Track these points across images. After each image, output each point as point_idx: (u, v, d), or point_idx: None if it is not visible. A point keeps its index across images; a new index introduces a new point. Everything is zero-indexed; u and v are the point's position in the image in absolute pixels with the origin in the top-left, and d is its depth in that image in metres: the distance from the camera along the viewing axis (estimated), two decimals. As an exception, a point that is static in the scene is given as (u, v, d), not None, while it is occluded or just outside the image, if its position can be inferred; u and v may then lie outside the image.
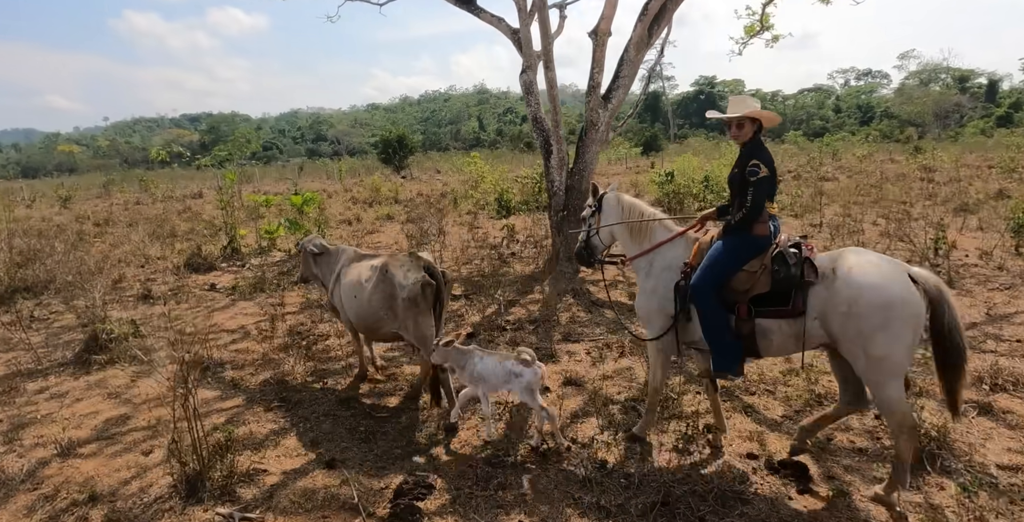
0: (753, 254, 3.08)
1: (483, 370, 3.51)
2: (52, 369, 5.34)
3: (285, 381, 4.71)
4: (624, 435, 3.71)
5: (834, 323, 2.87)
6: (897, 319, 2.73)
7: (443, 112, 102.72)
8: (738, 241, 3.12)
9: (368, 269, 4.31)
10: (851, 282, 2.82)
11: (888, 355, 2.77)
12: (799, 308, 2.93)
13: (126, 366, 5.26)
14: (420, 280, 4.00)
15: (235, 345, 5.69)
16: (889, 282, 2.78)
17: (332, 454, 3.58)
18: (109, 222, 15.48)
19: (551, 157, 7.91)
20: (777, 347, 3.10)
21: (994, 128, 45.22)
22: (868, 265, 2.85)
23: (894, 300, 2.73)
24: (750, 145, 3.18)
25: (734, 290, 3.07)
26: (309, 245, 4.87)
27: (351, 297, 4.33)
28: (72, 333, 6.44)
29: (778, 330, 3.02)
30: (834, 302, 2.85)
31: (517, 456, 3.46)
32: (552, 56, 7.46)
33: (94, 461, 3.64)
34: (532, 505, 3.03)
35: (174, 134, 69.14)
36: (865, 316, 2.76)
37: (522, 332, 5.66)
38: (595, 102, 7.68)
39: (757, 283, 3.01)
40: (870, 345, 2.77)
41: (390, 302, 4.08)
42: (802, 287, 2.93)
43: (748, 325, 3.05)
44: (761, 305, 3.02)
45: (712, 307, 3.10)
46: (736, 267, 3.08)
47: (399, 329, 4.14)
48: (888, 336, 2.74)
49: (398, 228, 12.78)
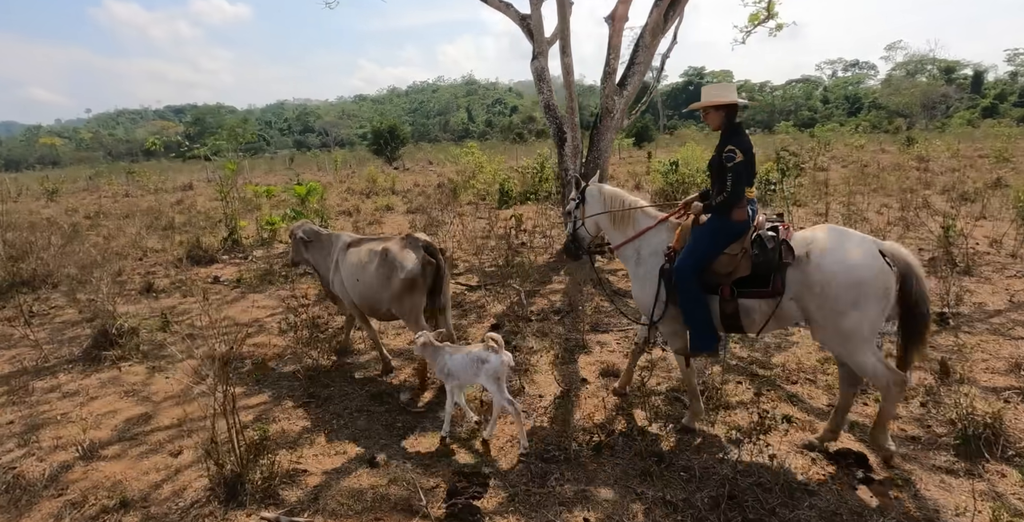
0: (733, 238, 3.19)
1: (453, 366, 3.46)
2: (60, 366, 5.11)
3: (311, 376, 4.52)
4: (675, 427, 3.64)
5: (809, 303, 3.01)
6: (868, 296, 2.88)
7: (431, 103, 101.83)
8: (718, 226, 3.22)
9: (368, 252, 4.37)
10: (824, 265, 2.95)
11: (857, 330, 2.93)
12: (778, 289, 3.07)
13: (140, 362, 5.05)
14: (421, 260, 4.11)
15: (253, 339, 5.49)
16: (860, 263, 2.91)
17: (372, 452, 3.42)
18: (100, 215, 15.06)
19: (565, 145, 7.75)
20: (760, 324, 3.23)
21: (980, 119, 45.74)
22: (840, 247, 2.97)
23: (865, 279, 2.88)
24: (727, 131, 3.26)
25: (717, 273, 3.19)
26: (299, 231, 4.90)
27: (354, 280, 4.39)
28: (76, 328, 6.19)
29: (759, 309, 3.18)
30: (808, 284, 2.99)
31: (570, 450, 3.33)
32: (569, 41, 7.28)
33: (120, 463, 3.44)
34: (594, 501, 2.91)
35: (158, 126, 67.80)
36: (838, 297, 2.91)
37: (548, 323, 5.52)
38: (611, 89, 7.52)
39: (739, 266, 3.12)
40: (842, 322, 2.93)
41: (387, 283, 4.16)
42: (780, 269, 3.06)
43: (731, 305, 3.20)
44: (743, 286, 3.15)
45: (692, 290, 3.22)
46: (717, 251, 3.19)
47: (391, 306, 4.22)
48: (859, 313, 2.89)
49: (401, 218, 12.55)
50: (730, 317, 3.22)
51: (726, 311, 3.22)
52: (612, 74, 7.47)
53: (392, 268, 4.13)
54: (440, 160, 34.98)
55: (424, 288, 4.21)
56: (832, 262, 2.94)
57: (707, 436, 3.53)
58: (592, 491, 2.99)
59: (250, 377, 4.61)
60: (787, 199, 9.74)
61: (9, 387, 4.72)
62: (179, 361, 5.00)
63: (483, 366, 3.34)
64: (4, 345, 5.83)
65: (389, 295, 4.17)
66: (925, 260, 7.52)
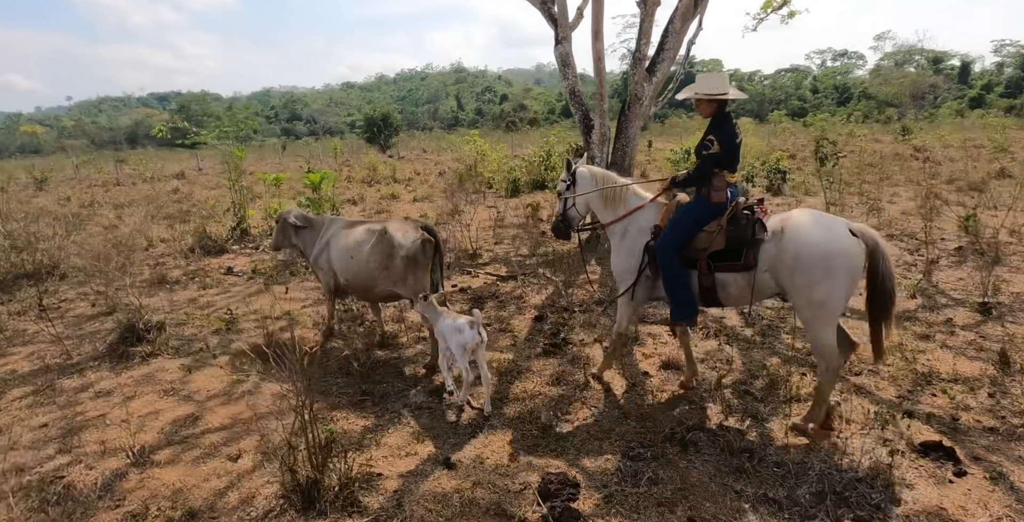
0: (711, 217, 3.42)
1: (442, 328, 3.75)
2: (85, 363, 4.87)
3: (359, 372, 4.33)
4: (590, 373, 4.08)
5: (782, 275, 3.20)
6: (838, 269, 3.05)
7: (420, 91, 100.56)
8: (698, 206, 3.46)
9: (364, 233, 4.52)
10: (796, 239, 3.15)
11: (828, 300, 3.10)
12: (751, 262, 3.28)
13: (172, 357, 4.82)
14: (420, 238, 4.31)
15: (287, 334, 5.27)
16: (830, 238, 3.10)
17: (444, 452, 3.27)
18: (95, 204, 14.59)
19: (592, 132, 7.56)
20: (735, 297, 3.46)
21: (968, 109, 46.16)
22: (813, 223, 3.18)
23: (834, 253, 3.06)
24: (714, 120, 3.45)
25: (695, 248, 3.41)
26: (290, 217, 5.01)
27: (347, 259, 4.56)
28: (94, 322, 5.93)
29: (734, 282, 3.38)
30: (782, 257, 3.18)
31: (656, 448, 3.20)
32: (602, 26, 7.06)
33: (176, 470, 3.23)
34: (694, 500, 2.78)
35: (142, 113, 66.07)
36: (809, 268, 3.09)
37: (592, 314, 5.38)
38: (640, 75, 7.34)
39: (714, 241, 3.35)
40: (813, 292, 3.10)
41: (387, 262, 4.32)
42: (753, 244, 3.28)
43: (709, 278, 3.41)
44: (718, 260, 3.37)
45: (673, 264, 3.45)
46: (697, 229, 3.43)
47: (395, 286, 4.40)
48: (830, 284, 3.06)
49: (409, 207, 12.30)
50: (708, 290, 3.45)
51: (704, 284, 3.44)
52: (642, 60, 7.28)
53: (391, 247, 4.30)
54: (434, 148, 34.60)
55: (426, 266, 4.39)
56: (805, 235, 3.13)
57: (780, 427, 3.42)
58: (689, 490, 2.87)
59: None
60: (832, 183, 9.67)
61: (34, 386, 4.47)
62: (215, 357, 4.78)
63: (459, 335, 3.63)
64: (19, 341, 5.56)
65: (390, 274, 4.34)
66: (952, 249, 7.49)
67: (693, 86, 3.46)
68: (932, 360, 4.38)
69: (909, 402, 3.78)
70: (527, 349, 4.70)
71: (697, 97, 3.42)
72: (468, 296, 6.11)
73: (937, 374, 4.15)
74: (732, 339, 4.79)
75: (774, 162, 12.87)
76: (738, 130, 3.46)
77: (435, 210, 11.07)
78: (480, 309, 5.67)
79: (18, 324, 6.02)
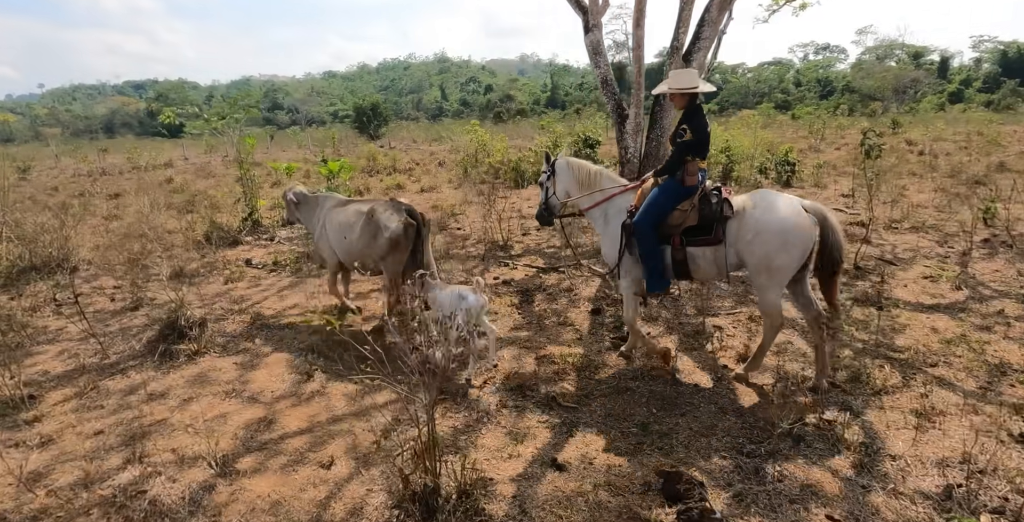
0: (684, 198, 3.78)
1: (440, 298, 4.09)
2: (124, 362, 4.61)
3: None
4: (617, 354, 4.33)
5: (744, 248, 3.59)
6: (792, 241, 3.46)
7: (403, 81, 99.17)
8: (672, 188, 3.80)
9: (355, 213, 4.81)
10: (756, 216, 3.55)
11: (783, 268, 3.52)
12: (719, 237, 3.65)
13: (220, 355, 4.59)
14: (403, 221, 4.56)
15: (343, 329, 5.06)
16: (786, 215, 3.50)
17: (546, 453, 3.13)
18: (86, 194, 14.03)
19: (626, 122, 7.42)
20: (704, 271, 3.81)
21: (948, 103, 47.10)
22: (771, 203, 3.57)
23: (789, 228, 3.47)
24: (687, 112, 3.81)
25: (670, 225, 3.76)
26: (290, 194, 5.39)
27: (341, 238, 4.84)
28: (121, 318, 5.65)
29: (703, 256, 3.75)
30: (744, 232, 3.57)
31: (770, 443, 3.10)
32: (644, 13, 6.89)
33: (266, 479, 3.02)
34: (824, 496, 2.70)
35: (118, 102, 63.87)
36: (768, 242, 3.49)
37: (649, 307, 5.27)
38: (676, 64, 7.19)
39: (687, 218, 3.70)
40: (772, 262, 3.50)
41: (372, 241, 4.61)
42: (721, 221, 3.64)
43: (681, 253, 3.77)
44: (690, 236, 3.73)
45: (649, 240, 3.78)
46: (670, 208, 3.77)
47: (375, 264, 4.71)
48: (786, 255, 3.48)
49: (418, 198, 12.02)
50: (680, 264, 3.79)
51: (676, 258, 3.78)
52: (679, 49, 7.14)
53: (377, 228, 4.59)
54: (423, 138, 34.13)
55: (407, 248, 4.67)
56: (764, 213, 3.53)
57: (878, 419, 3.36)
58: (816, 486, 2.78)
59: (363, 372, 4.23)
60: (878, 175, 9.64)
61: (76, 388, 4.19)
62: (268, 354, 4.56)
63: (463, 301, 3.94)
64: (43, 339, 5.26)
65: (374, 252, 4.65)
66: (980, 241, 7.55)
67: (667, 81, 3.88)
68: (1000, 351, 4.38)
69: (992, 393, 3.75)
70: (594, 344, 4.58)
71: (671, 91, 3.81)
72: (513, 289, 5.96)
73: (1009, 365, 4.14)
74: (797, 331, 4.73)
75: (783, 154, 12.89)
76: (707, 120, 3.82)
77: (453, 200, 10.81)
78: (531, 303, 5.53)
79: (36, 321, 5.70)
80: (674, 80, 3.80)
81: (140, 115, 52.92)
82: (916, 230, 8.28)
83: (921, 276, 6.12)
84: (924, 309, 5.22)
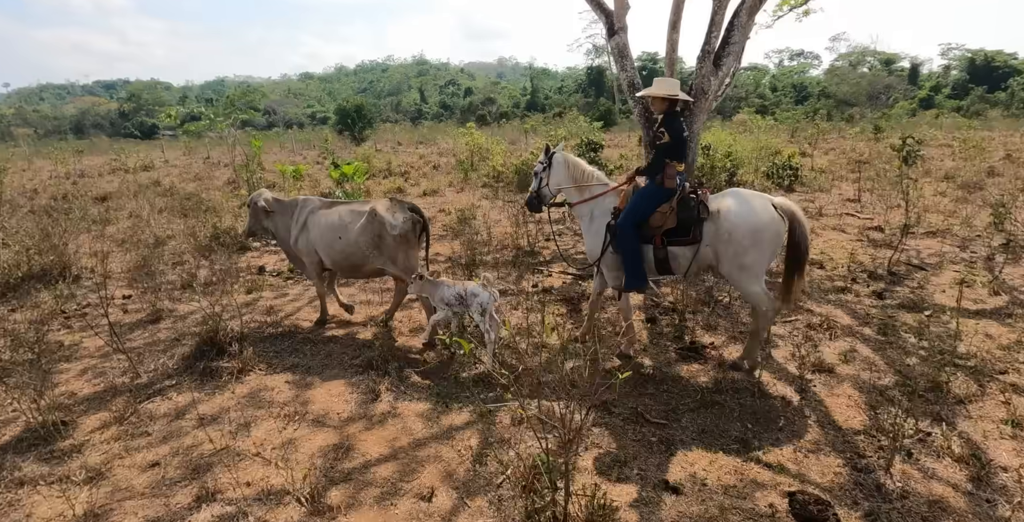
0: (663, 200, 4.00)
1: (448, 295, 4.20)
2: (159, 382, 4.28)
3: (503, 383, 3.94)
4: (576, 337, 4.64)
5: (719, 246, 3.87)
6: (763, 239, 3.76)
7: (381, 83, 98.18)
8: (653, 190, 4.03)
9: (349, 214, 4.76)
10: (729, 218, 3.81)
11: (755, 264, 3.81)
12: (697, 237, 3.90)
13: (266, 373, 4.32)
14: (410, 218, 4.62)
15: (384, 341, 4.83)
16: (757, 214, 3.78)
17: (654, 474, 2.97)
18: (68, 197, 13.41)
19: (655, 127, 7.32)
20: (683, 267, 4.05)
21: (919, 109, 48.51)
22: (743, 203, 3.84)
23: (760, 227, 3.75)
24: (666, 117, 4.11)
25: (652, 226, 4.00)
26: (260, 200, 5.11)
27: (334, 239, 4.75)
28: (142, 332, 5.30)
29: (682, 255, 4.01)
30: (718, 233, 3.84)
31: (885, 457, 3.00)
32: (681, 14, 6.81)
33: (365, 516, 2.75)
34: (958, 514, 2.60)
35: (88, 102, 61.68)
36: (740, 241, 3.77)
37: (699, 315, 5.16)
38: (707, 69, 7.13)
39: (667, 220, 3.94)
40: (743, 259, 3.80)
41: (378, 241, 4.58)
42: (698, 223, 3.89)
43: (662, 252, 4.03)
44: (671, 236, 3.98)
45: (630, 241, 4.02)
46: (651, 210, 4.00)
47: (384, 264, 4.67)
48: (756, 252, 3.78)
49: (422, 201, 11.75)
50: (662, 261, 4.04)
51: (658, 257, 4.04)
52: (710, 54, 7.08)
53: (382, 226, 4.57)
54: (408, 141, 33.71)
55: (415, 243, 4.74)
56: (736, 214, 3.79)
57: (972, 429, 3.29)
58: (942, 502, 2.68)
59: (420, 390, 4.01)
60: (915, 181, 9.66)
61: (112, 412, 3.83)
62: (321, 371, 4.31)
63: (475, 299, 4.08)
64: (61, 356, 4.89)
65: (381, 253, 4.62)
66: (998, 245, 7.66)
67: (651, 88, 4.13)
68: (1060, 358, 4.37)
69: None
70: (660, 355, 4.44)
71: (653, 95, 4.09)
72: (555, 297, 5.79)
73: (1077, 368, 4.13)
74: (860, 339, 4.67)
75: (785, 159, 13.01)
76: (684, 126, 4.07)
77: (460, 204, 10.58)
78: (579, 311, 5.38)
79: (47, 335, 5.32)
80: (657, 86, 4.10)
81: (111, 115, 51.23)
82: (933, 235, 8.37)
83: (954, 281, 6.14)
84: (971, 315, 5.22)
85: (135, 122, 50.90)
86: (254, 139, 9.67)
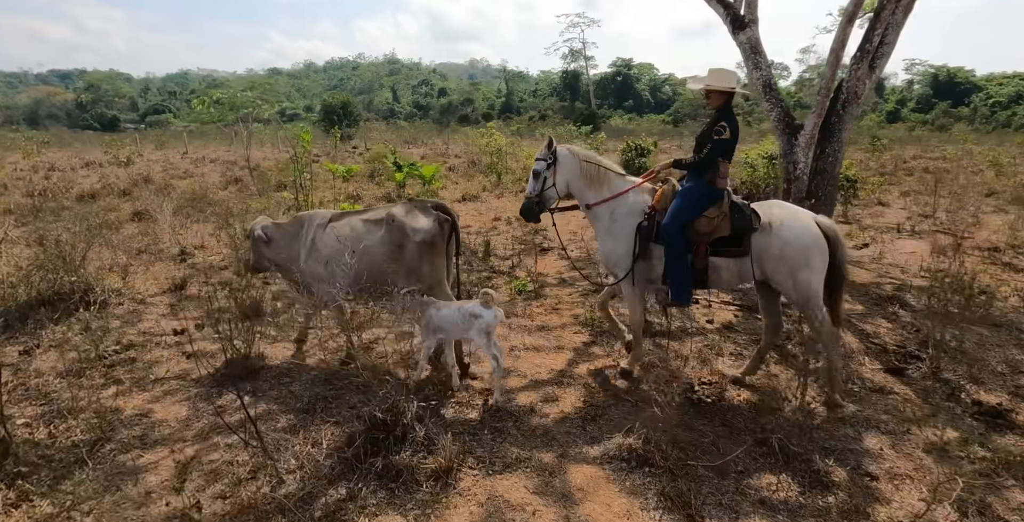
0: (711, 202, 3.60)
1: (441, 320, 3.58)
2: (316, 490, 2.87)
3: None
4: (617, 371, 4.03)
5: (768, 263, 3.54)
6: (814, 257, 3.49)
7: (352, 81, 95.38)
8: (701, 191, 3.61)
9: (363, 223, 4.10)
10: (782, 233, 3.50)
11: (810, 282, 3.49)
12: (746, 249, 3.54)
13: (474, 466, 3.10)
14: (436, 218, 3.95)
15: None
16: (807, 231, 3.51)
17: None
18: (47, 193, 11.54)
19: (799, 134, 6.43)
20: (724, 281, 3.71)
21: (886, 122, 49.98)
22: (793, 219, 3.56)
23: (811, 244, 3.48)
24: (721, 111, 3.68)
25: (697, 232, 3.58)
26: (258, 229, 4.44)
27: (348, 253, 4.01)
28: (228, 397, 3.96)
29: (726, 267, 3.63)
30: (769, 248, 3.52)
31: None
32: (860, 7, 5.91)
33: None
34: None
35: (43, 92, 57.01)
36: (793, 258, 3.48)
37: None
38: (863, 71, 6.30)
39: (718, 227, 3.54)
40: (798, 277, 3.49)
41: (397, 253, 3.94)
42: (749, 233, 3.54)
43: (703, 262, 3.60)
44: (718, 246, 3.58)
45: (679, 246, 3.57)
46: (698, 213, 3.58)
47: (407, 277, 3.94)
48: (810, 270, 3.49)
49: (460, 207, 10.49)
50: (700, 273, 3.63)
51: (697, 267, 3.62)
52: (869, 54, 6.24)
53: (403, 234, 3.92)
54: (394, 140, 32.07)
55: (443, 250, 4.02)
56: (788, 230, 3.50)
57: None
58: None
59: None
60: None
61: None
62: (561, 462, 3.12)
63: (476, 321, 3.49)
64: (130, 438, 3.54)
65: (401, 266, 3.95)
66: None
67: (706, 78, 3.70)
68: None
69: None
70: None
71: (713, 89, 3.64)
72: (738, 332, 4.76)
73: None
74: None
75: (844, 168, 12.36)
76: None
77: (511, 212, 9.41)
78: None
79: (91, 392, 3.93)
80: (714, 78, 3.68)
81: (68, 106, 47.17)
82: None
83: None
84: None
85: (94, 113, 47.23)
86: (304, 132, 8.23)
